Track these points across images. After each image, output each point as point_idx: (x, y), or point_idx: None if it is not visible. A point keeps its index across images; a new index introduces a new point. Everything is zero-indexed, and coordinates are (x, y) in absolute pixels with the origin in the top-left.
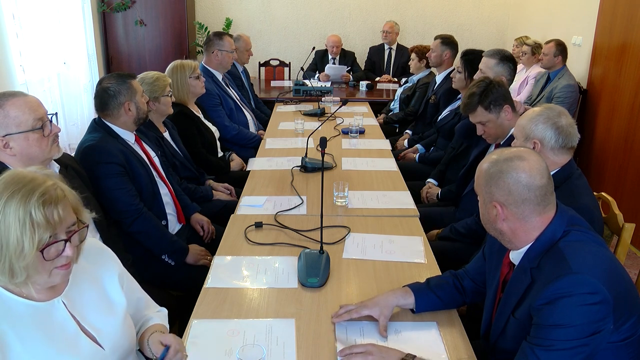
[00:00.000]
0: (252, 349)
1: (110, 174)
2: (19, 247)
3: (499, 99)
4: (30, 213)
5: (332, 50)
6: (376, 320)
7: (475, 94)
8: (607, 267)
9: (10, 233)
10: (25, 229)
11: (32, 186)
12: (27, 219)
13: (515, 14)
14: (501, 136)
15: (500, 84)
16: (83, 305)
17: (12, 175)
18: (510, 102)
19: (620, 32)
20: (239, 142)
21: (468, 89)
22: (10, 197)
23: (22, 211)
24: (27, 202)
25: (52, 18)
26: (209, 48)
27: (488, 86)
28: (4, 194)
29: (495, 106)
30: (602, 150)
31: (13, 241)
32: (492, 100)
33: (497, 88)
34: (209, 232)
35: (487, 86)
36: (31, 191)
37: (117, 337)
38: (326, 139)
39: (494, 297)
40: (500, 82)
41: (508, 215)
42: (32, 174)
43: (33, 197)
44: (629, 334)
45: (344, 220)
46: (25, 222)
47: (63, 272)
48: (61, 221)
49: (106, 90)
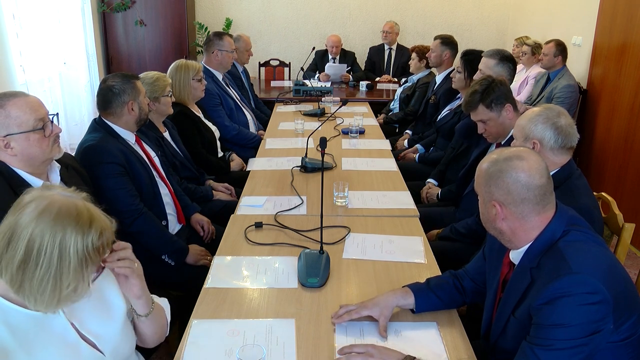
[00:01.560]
0: (252, 349)
1: (111, 173)
2: (75, 273)
3: (501, 98)
4: (90, 250)
5: (332, 50)
6: (376, 320)
7: (477, 92)
8: (606, 266)
9: (70, 262)
10: (84, 263)
11: (86, 219)
12: (85, 254)
13: (515, 14)
14: (502, 135)
15: (502, 82)
16: (81, 312)
17: (51, 199)
18: (512, 102)
19: (620, 32)
20: (239, 142)
21: (470, 87)
22: (65, 226)
23: (80, 245)
24: (84, 236)
25: (52, 18)
26: (209, 48)
27: (490, 85)
28: (56, 218)
29: (496, 104)
30: (602, 150)
31: (72, 267)
32: (494, 99)
33: (499, 87)
34: (209, 232)
35: (489, 85)
36: (86, 224)
37: (117, 342)
38: (326, 139)
39: (494, 297)
40: (502, 81)
41: (507, 214)
42: (75, 202)
43: (90, 235)
44: (628, 334)
45: (344, 221)
46: (84, 257)
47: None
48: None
49: (111, 88)
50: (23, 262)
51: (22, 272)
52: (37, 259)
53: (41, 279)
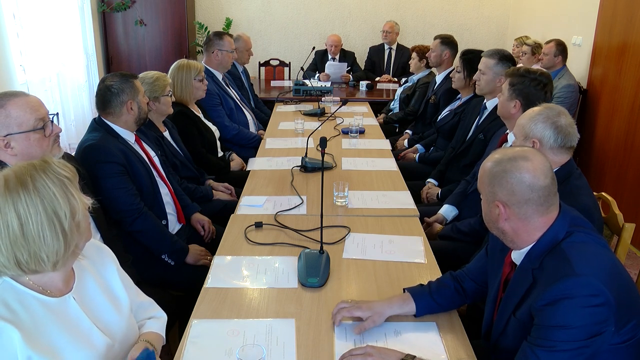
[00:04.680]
0: (252, 349)
1: (111, 173)
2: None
3: (519, 85)
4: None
5: (331, 50)
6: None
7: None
8: (609, 268)
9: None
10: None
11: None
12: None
13: (515, 14)
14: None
15: (540, 85)
16: (91, 301)
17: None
18: (525, 101)
19: (620, 32)
20: (239, 142)
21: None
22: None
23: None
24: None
25: (53, 18)
26: (209, 48)
27: (525, 76)
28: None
29: (515, 92)
30: (602, 150)
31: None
32: (518, 84)
33: (532, 84)
34: (209, 232)
35: (525, 74)
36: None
37: (124, 332)
38: (326, 139)
39: (495, 297)
40: (542, 84)
41: (510, 215)
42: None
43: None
44: (629, 336)
45: (344, 220)
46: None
47: None
48: None
49: (109, 88)
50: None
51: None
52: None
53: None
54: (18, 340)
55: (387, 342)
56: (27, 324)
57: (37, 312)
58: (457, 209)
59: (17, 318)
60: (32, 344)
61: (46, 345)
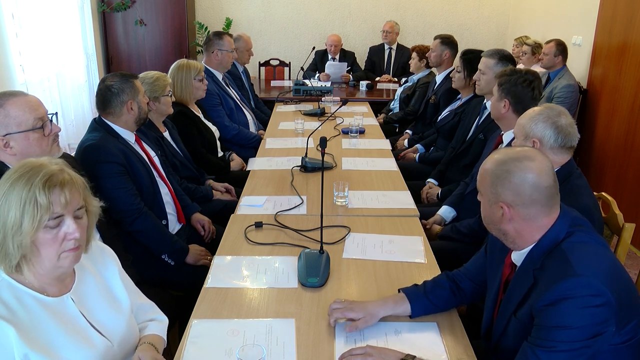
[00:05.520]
0: (252, 349)
1: (111, 173)
2: (16, 224)
3: (507, 85)
4: (35, 193)
5: (331, 50)
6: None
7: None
8: (610, 269)
9: (10, 211)
10: (26, 208)
11: (38, 169)
12: (28, 198)
13: (515, 14)
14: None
15: (526, 83)
16: (90, 302)
17: (22, 162)
18: (514, 100)
19: (620, 32)
20: (239, 142)
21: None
22: (17, 179)
23: (25, 191)
24: (31, 182)
25: (52, 18)
26: (209, 48)
27: (512, 75)
28: (12, 176)
29: (502, 90)
30: (602, 150)
31: (11, 219)
32: (505, 84)
33: (518, 82)
34: (209, 232)
35: (511, 74)
36: (36, 173)
37: (124, 333)
38: (326, 138)
39: (495, 298)
40: (527, 83)
41: (515, 216)
42: (40, 160)
43: (36, 178)
44: (630, 336)
45: (344, 220)
46: (26, 201)
47: (72, 255)
48: (67, 204)
49: (109, 88)
50: None
51: None
52: None
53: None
54: (14, 338)
55: (387, 342)
56: (24, 321)
57: (34, 311)
58: (456, 210)
59: (13, 316)
60: (28, 342)
61: (43, 343)
